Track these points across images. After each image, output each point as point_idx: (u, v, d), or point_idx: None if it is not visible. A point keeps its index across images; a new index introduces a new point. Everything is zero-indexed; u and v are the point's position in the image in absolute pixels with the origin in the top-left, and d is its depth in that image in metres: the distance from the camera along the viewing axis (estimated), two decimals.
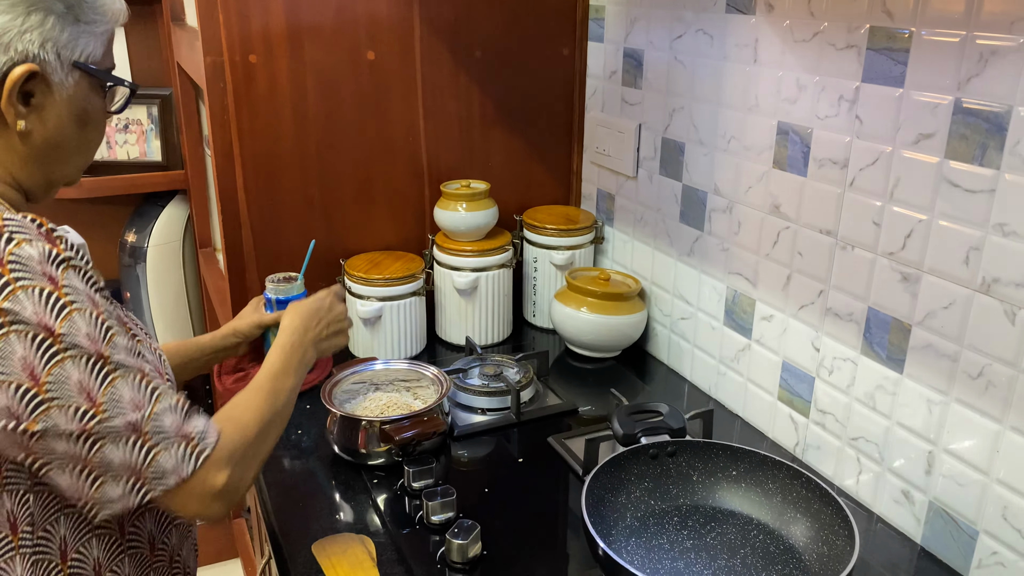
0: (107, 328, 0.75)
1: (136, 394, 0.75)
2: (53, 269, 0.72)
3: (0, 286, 0.70)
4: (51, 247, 0.73)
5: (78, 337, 0.72)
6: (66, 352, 0.71)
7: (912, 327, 1.02)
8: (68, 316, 0.72)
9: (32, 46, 0.77)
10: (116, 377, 0.74)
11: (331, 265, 1.57)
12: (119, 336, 0.75)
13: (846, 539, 0.87)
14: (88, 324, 0.73)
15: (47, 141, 0.82)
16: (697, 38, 1.32)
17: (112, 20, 0.84)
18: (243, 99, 1.42)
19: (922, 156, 0.97)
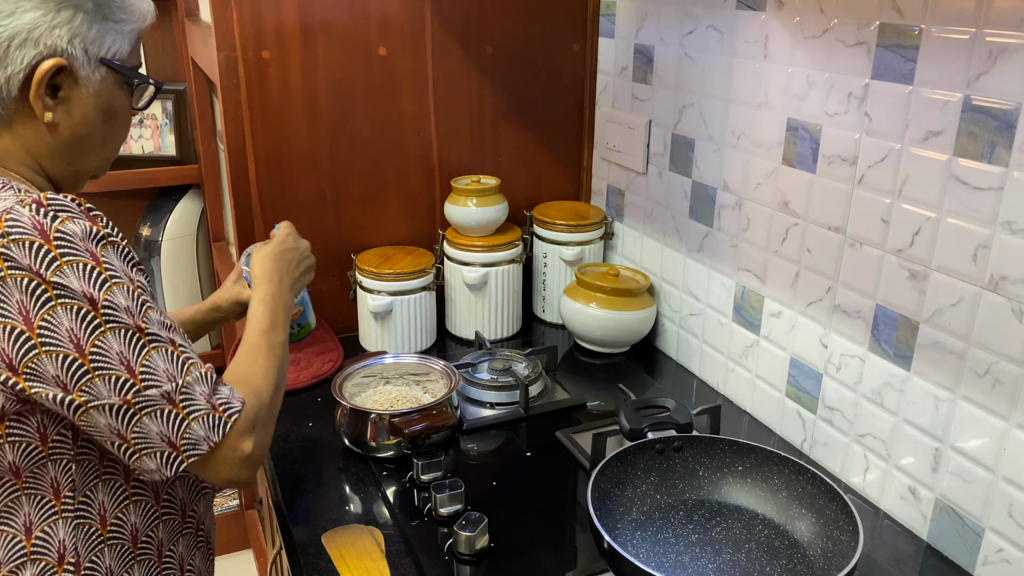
0: (143, 302, 0.79)
1: (169, 365, 0.79)
2: (94, 245, 0.76)
3: (48, 261, 0.74)
4: (92, 225, 0.77)
5: (118, 310, 0.76)
6: (107, 324, 0.76)
7: (920, 324, 1.02)
8: (109, 290, 0.76)
9: (61, 41, 0.80)
10: (152, 348, 0.78)
11: (342, 260, 1.59)
12: (152, 310, 0.80)
13: (851, 534, 0.88)
14: (126, 298, 0.77)
15: (73, 133, 0.85)
16: (707, 34, 1.32)
17: (139, 19, 0.88)
18: (256, 94, 1.44)
19: (931, 153, 0.97)
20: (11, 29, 0.79)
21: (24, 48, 0.79)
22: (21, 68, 0.80)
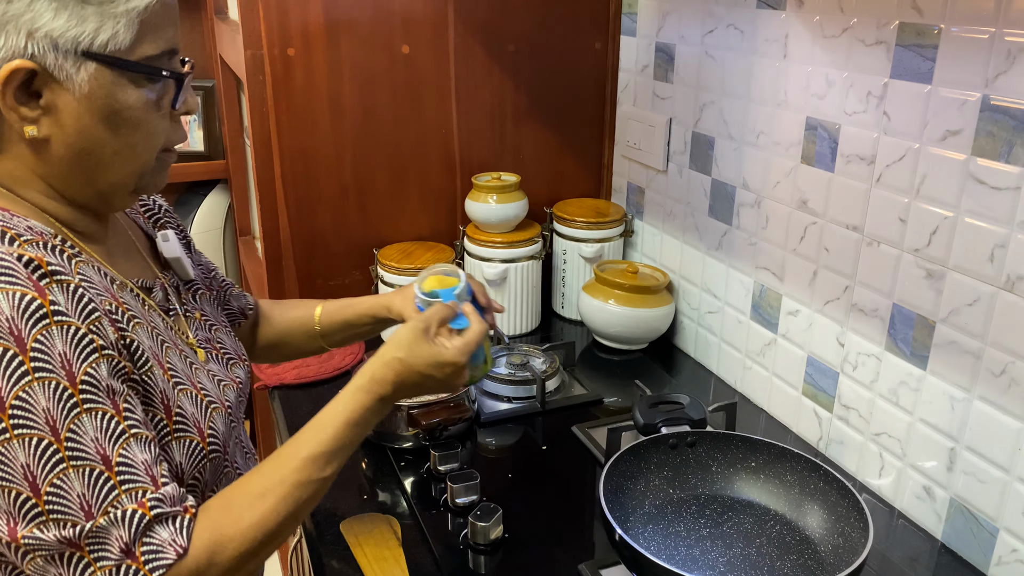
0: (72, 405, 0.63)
1: (87, 490, 0.63)
2: (25, 325, 0.62)
3: None
4: (35, 296, 0.63)
5: (31, 413, 0.62)
6: (15, 431, 0.61)
7: (936, 324, 1.02)
8: (27, 386, 0.62)
9: (18, 38, 0.66)
10: (69, 467, 0.62)
11: (364, 255, 1.61)
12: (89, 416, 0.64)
13: (861, 531, 0.88)
14: (49, 397, 0.62)
15: (72, 148, 0.72)
16: (728, 33, 1.33)
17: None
18: (281, 91, 1.46)
19: (949, 153, 0.97)
20: None
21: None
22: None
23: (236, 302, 1.09)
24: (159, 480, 0.68)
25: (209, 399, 0.81)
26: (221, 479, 0.83)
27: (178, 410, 0.75)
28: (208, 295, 0.99)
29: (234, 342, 0.97)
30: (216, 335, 0.94)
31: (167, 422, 0.74)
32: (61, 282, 0.66)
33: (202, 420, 0.78)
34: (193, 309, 0.92)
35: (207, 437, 0.78)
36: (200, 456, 0.77)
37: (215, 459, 0.80)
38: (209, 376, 0.84)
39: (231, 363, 0.93)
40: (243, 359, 0.96)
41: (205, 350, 0.89)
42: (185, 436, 0.76)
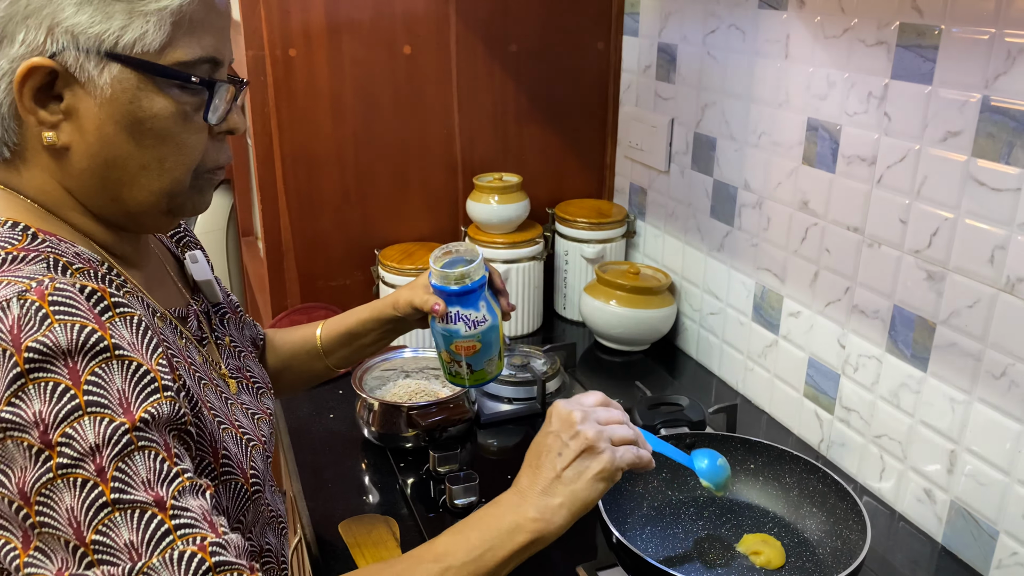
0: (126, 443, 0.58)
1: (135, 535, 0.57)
2: (81, 360, 0.58)
3: (10, 379, 0.56)
4: (95, 329, 0.59)
5: (79, 451, 0.57)
6: (59, 471, 0.57)
7: (937, 325, 1.01)
8: (76, 422, 0.57)
9: (39, 34, 0.62)
10: (116, 510, 0.57)
11: (365, 255, 1.61)
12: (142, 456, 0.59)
13: (859, 533, 0.88)
14: (98, 432, 0.57)
15: (95, 159, 0.67)
16: (729, 33, 1.32)
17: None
18: (283, 92, 1.47)
19: (949, 154, 0.96)
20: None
21: (1, 49, 0.63)
22: (1, 76, 0.63)
23: (249, 331, 1.03)
24: (219, 528, 0.61)
25: (247, 436, 0.77)
26: (259, 519, 0.80)
27: (224, 452, 0.71)
28: (235, 319, 0.95)
29: (260, 369, 0.93)
30: (245, 362, 0.90)
31: (214, 465, 0.70)
32: (124, 315, 0.62)
33: (244, 460, 0.74)
34: (223, 335, 0.89)
35: (250, 478, 0.75)
36: (244, 497, 0.74)
37: (257, 499, 0.76)
38: (243, 410, 0.81)
39: (260, 393, 0.89)
40: (269, 388, 0.92)
41: (236, 380, 0.85)
42: (231, 478, 0.72)
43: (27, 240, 0.66)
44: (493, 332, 0.94)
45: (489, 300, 0.94)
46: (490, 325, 0.93)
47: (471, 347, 0.93)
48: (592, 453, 0.73)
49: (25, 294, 0.58)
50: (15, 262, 0.62)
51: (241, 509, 0.74)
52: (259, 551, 0.81)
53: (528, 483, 0.73)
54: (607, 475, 0.73)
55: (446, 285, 0.92)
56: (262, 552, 0.82)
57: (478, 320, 0.92)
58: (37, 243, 0.66)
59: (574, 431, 0.74)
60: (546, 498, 0.72)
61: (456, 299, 0.92)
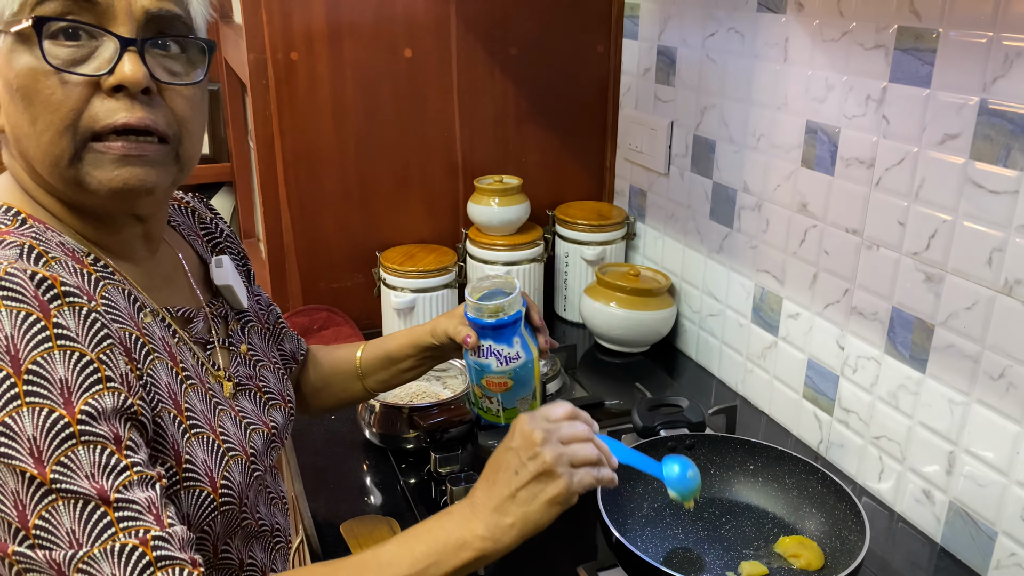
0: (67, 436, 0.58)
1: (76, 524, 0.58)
2: (24, 346, 0.58)
3: None
4: (39, 317, 0.59)
5: (16, 440, 0.57)
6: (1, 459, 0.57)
7: (935, 327, 1.02)
8: (15, 412, 0.57)
9: None
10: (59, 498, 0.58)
11: (367, 257, 1.62)
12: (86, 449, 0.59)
13: (858, 534, 0.88)
14: (35, 425, 0.57)
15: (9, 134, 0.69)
16: (729, 36, 1.33)
17: None
18: (285, 95, 1.47)
19: (947, 156, 0.97)
20: None
21: None
22: None
23: (289, 344, 1.02)
24: (164, 520, 0.61)
25: (228, 445, 0.75)
26: (237, 531, 0.78)
27: (187, 457, 0.70)
28: (259, 328, 0.93)
29: (279, 382, 0.91)
30: (260, 372, 0.88)
31: (176, 469, 0.69)
32: (73, 304, 0.61)
33: (215, 469, 0.72)
34: (239, 342, 0.87)
35: (219, 488, 0.72)
36: (210, 508, 0.72)
37: (228, 511, 0.74)
38: (235, 418, 0.79)
39: (270, 404, 0.87)
40: (286, 401, 0.90)
41: (241, 387, 0.84)
42: (195, 486, 0.70)
43: (15, 225, 0.67)
44: (527, 369, 0.91)
45: (525, 336, 0.90)
46: (524, 362, 0.90)
47: (503, 384, 0.91)
48: (549, 477, 0.71)
49: None
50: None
51: (206, 519, 0.72)
52: (238, 564, 0.79)
53: (482, 498, 0.72)
54: (562, 499, 0.72)
55: (479, 317, 0.89)
56: (243, 566, 0.80)
57: (511, 356, 0.89)
58: (23, 228, 0.66)
59: (534, 451, 0.72)
60: (497, 516, 0.71)
61: (490, 332, 0.89)
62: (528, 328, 0.92)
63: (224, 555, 0.78)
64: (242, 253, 0.97)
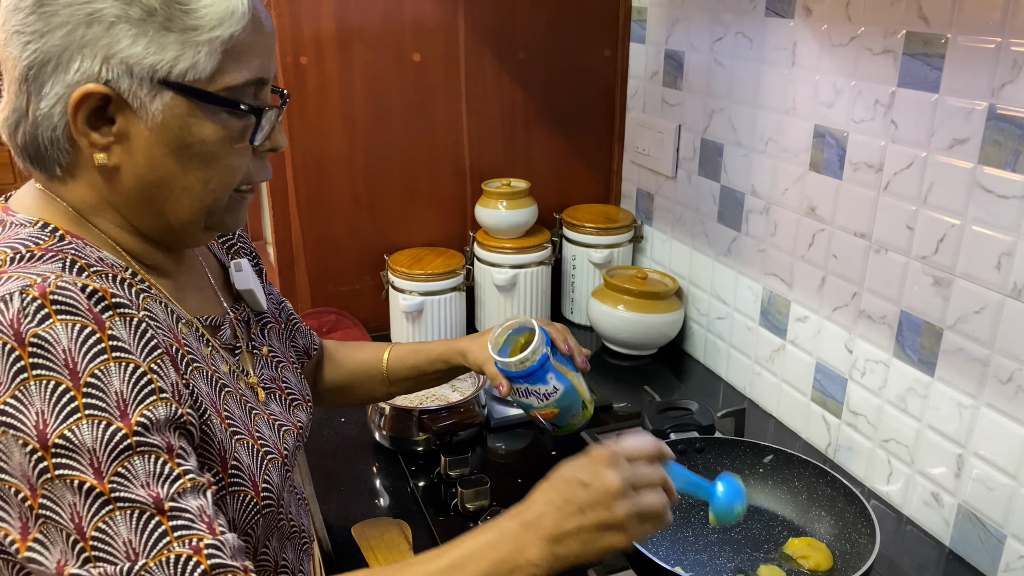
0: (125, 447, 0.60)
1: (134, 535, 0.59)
2: (82, 358, 0.59)
3: (13, 373, 0.58)
4: (94, 330, 0.61)
5: (77, 452, 0.58)
6: (57, 471, 0.58)
7: (944, 331, 1.02)
8: (75, 424, 0.58)
9: (94, 63, 0.64)
10: (116, 509, 0.59)
11: (375, 260, 1.63)
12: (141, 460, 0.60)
13: (868, 537, 0.89)
14: (96, 437, 0.59)
15: (141, 179, 0.69)
16: (737, 41, 1.34)
17: (220, 24, 0.66)
18: (294, 99, 1.48)
19: (956, 161, 0.98)
20: (41, 54, 0.64)
21: (57, 75, 0.64)
22: (56, 101, 0.65)
23: (302, 339, 1.04)
24: (216, 528, 0.62)
25: (266, 449, 0.77)
26: (274, 532, 0.80)
27: (234, 462, 0.72)
28: (277, 329, 0.94)
29: (300, 381, 0.93)
30: (282, 373, 0.90)
31: (223, 475, 0.71)
32: (125, 315, 0.63)
33: (257, 473, 0.74)
34: (261, 344, 0.89)
35: (262, 491, 0.74)
36: (254, 511, 0.74)
37: (268, 514, 0.76)
38: (268, 422, 0.81)
39: (294, 405, 0.89)
40: (307, 400, 0.92)
41: (268, 390, 0.85)
42: (240, 491, 0.72)
43: (53, 240, 0.68)
44: (568, 396, 0.94)
45: (558, 368, 0.93)
46: (563, 392, 0.93)
47: (550, 413, 0.95)
48: (616, 530, 0.69)
49: (28, 288, 0.60)
50: (32, 260, 0.65)
51: (250, 522, 0.74)
52: (273, 566, 0.81)
53: (538, 521, 0.69)
54: (618, 548, 0.70)
55: (507, 369, 0.94)
56: (277, 567, 0.82)
57: (548, 392, 0.93)
58: (61, 244, 0.68)
59: (608, 502, 0.68)
60: (554, 547, 0.68)
61: (522, 379, 0.93)
62: (559, 356, 0.94)
63: (262, 557, 0.79)
64: (253, 252, 0.98)
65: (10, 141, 0.70)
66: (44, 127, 0.67)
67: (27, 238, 0.67)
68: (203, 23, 0.66)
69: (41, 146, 0.68)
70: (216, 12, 0.66)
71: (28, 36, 0.64)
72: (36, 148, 0.68)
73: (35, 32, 0.64)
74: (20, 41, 0.65)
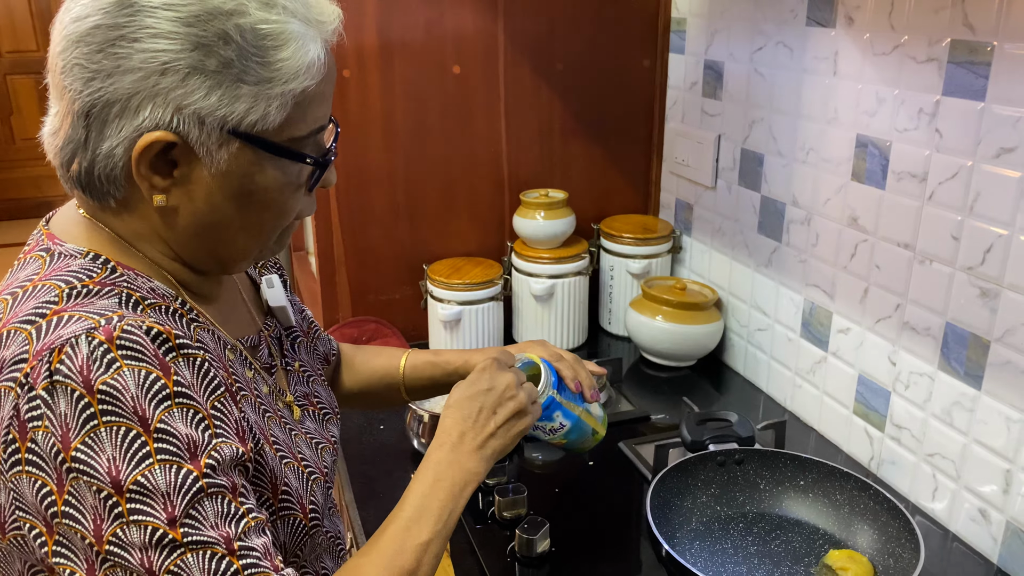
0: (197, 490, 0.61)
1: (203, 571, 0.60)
2: (148, 404, 0.60)
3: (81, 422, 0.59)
4: (159, 376, 0.61)
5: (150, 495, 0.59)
6: (131, 516, 0.59)
7: (991, 343, 1.00)
8: (148, 470, 0.59)
9: (165, 112, 0.63)
10: (187, 551, 0.60)
11: (414, 270, 1.64)
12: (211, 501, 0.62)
13: (912, 552, 0.87)
14: (169, 482, 0.60)
15: (198, 220, 0.70)
16: (777, 50, 1.33)
17: (295, 78, 0.66)
18: (337, 111, 1.51)
19: (1003, 170, 0.96)
20: (108, 94, 0.63)
21: (123, 118, 0.64)
22: (119, 142, 0.65)
23: (322, 346, 1.05)
24: (278, 565, 0.64)
25: (310, 470, 0.78)
26: (316, 549, 0.82)
27: (284, 487, 0.73)
28: (306, 342, 0.95)
29: (329, 394, 0.94)
30: (313, 388, 0.91)
31: (273, 500, 0.72)
32: (188, 356, 0.64)
33: (304, 495, 0.76)
34: (293, 360, 0.90)
35: (309, 513, 0.76)
36: (303, 533, 0.76)
37: (315, 533, 0.78)
38: (307, 440, 0.82)
39: (326, 419, 0.90)
40: (336, 413, 0.93)
41: (302, 407, 0.86)
42: (289, 514, 0.74)
43: (105, 273, 0.68)
44: (574, 431, 0.98)
45: (564, 405, 0.96)
46: (570, 427, 0.97)
47: (560, 443, 0.99)
48: (521, 415, 0.86)
49: (94, 332, 0.60)
50: (89, 295, 0.65)
51: (299, 544, 0.76)
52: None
53: (461, 439, 0.82)
54: (526, 431, 0.87)
55: None
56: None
57: (554, 429, 0.97)
58: (114, 277, 0.68)
59: (512, 393, 0.85)
60: (481, 452, 0.82)
61: None
62: (566, 392, 0.97)
63: (305, 572, 0.81)
64: (278, 263, 0.98)
65: (62, 170, 0.69)
66: (102, 164, 0.66)
67: (79, 270, 0.67)
68: (278, 75, 0.65)
69: (96, 180, 0.67)
70: (293, 66, 0.65)
71: (92, 73, 0.63)
72: (91, 181, 0.68)
73: (101, 71, 0.63)
74: (82, 76, 0.63)
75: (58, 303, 0.64)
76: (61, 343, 0.60)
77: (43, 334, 0.61)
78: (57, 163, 0.69)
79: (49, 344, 0.60)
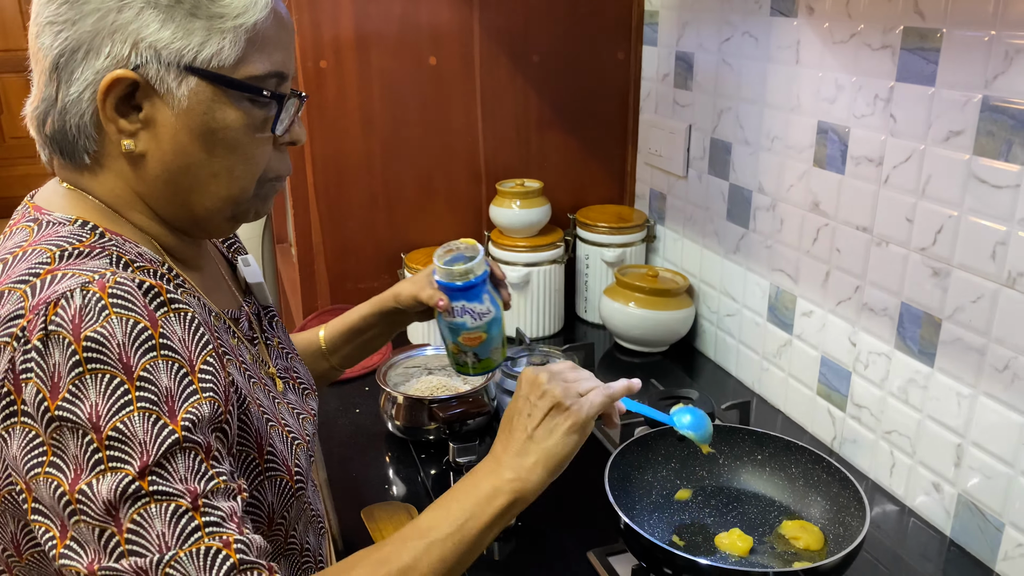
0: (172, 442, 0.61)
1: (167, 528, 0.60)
2: (134, 353, 0.61)
3: (68, 368, 0.60)
4: (146, 326, 0.62)
5: (127, 443, 0.60)
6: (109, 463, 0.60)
7: (942, 321, 1.03)
8: (126, 417, 0.60)
9: (123, 47, 0.66)
10: (152, 501, 0.60)
11: (392, 259, 1.67)
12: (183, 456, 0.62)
13: (860, 520, 0.90)
14: (146, 430, 0.61)
15: (168, 166, 0.71)
16: (743, 41, 1.36)
17: (243, 12, 0.69)
18: (314, 103, 1.53)
19: (952, 153, 0.99)
20: (73, 41, 0.67)
21: (87, 61, 0.67)
22: (85, 86, 0.67)
23: None
24: (244, 530, 0.64)
25: (292, 435, 0.80)
26: (301, 517, 0.83)
27: (269, 448, 0.74)
28: (282, 321, 0.98)
29: (306, 372, 0.96)
30: (292, 364, 0.93)
31: (259, 461, 0.74)
32: (179, 311, 0.65)
33: (289, 457, 0.77)
34: (272, 336, 0.92)
35: (294, 475, 0.78)
36: (288, 494, 0.77)
37: (300, 496, 0.79)
38: (289, 409, 0.84)
39: (306, 393, 0.92)
40: (314, 389, 0.95)
41: (284, 380, 0.88)
42: (276, 475, 0.75)
43: (94, 238, 0.70)
44: (497, 323, 0.99)
45: (491, 293, 0.99)
46: (494, 316, 0.98)
47: (477, 338, 0.98)
48: (560, 410, 0.77)
49: (88, 285, 0.62)
50: (81, 256, 0.67)
51: (285, 505, 0.77)
52: (299, 550, 0.85)
53: (502, 448, 0.77)
54: (578, 427, 0.78)
55: (451, 281, 0.97)
56: (302, 551, 0.85)
57: (483, 312, 0.97)
58: (103, 241, 0.70)
59: (541, 391, 0.78)
60: (520, 458, 0.76)
61: (461, 294, 0.96)
62: (492, 285, 0.99)
63: (291, 541, 0.83)
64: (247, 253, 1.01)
65: (38, 133, 0.72)
66: (72, 113, 0.69)
67: (69, 236, 0.69)
68: (228, 11, 0.68)
69: (69, 133, 0.70)
70: (240, 1, 0.69)
71: (60, 25, 0.67)
72: (64, 136, 0.70)
73: (67, 20, 0.66)
74: (52, 31, 0.67)
75: (51, 263, 0.65)
76: (57, 296, 0.61)
77: (38, 291, 0.63)
78: (34, 128, 0.72)
79: (45, 298, 0.62)
